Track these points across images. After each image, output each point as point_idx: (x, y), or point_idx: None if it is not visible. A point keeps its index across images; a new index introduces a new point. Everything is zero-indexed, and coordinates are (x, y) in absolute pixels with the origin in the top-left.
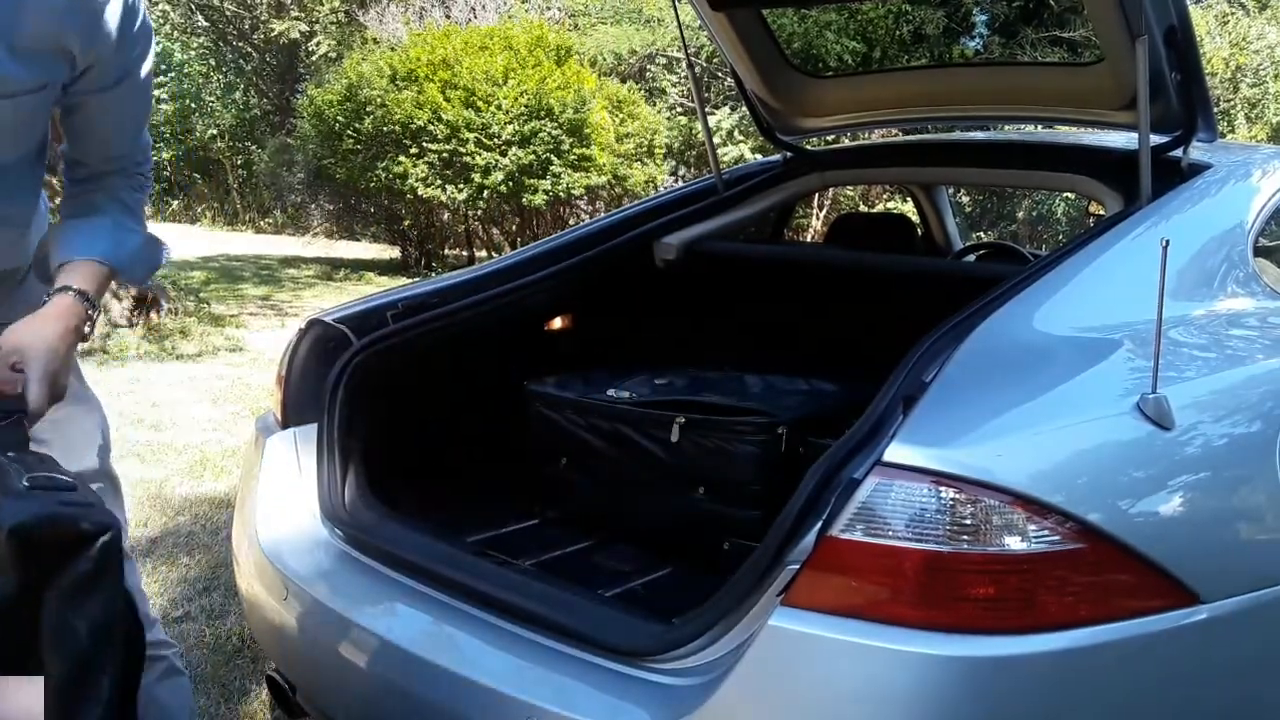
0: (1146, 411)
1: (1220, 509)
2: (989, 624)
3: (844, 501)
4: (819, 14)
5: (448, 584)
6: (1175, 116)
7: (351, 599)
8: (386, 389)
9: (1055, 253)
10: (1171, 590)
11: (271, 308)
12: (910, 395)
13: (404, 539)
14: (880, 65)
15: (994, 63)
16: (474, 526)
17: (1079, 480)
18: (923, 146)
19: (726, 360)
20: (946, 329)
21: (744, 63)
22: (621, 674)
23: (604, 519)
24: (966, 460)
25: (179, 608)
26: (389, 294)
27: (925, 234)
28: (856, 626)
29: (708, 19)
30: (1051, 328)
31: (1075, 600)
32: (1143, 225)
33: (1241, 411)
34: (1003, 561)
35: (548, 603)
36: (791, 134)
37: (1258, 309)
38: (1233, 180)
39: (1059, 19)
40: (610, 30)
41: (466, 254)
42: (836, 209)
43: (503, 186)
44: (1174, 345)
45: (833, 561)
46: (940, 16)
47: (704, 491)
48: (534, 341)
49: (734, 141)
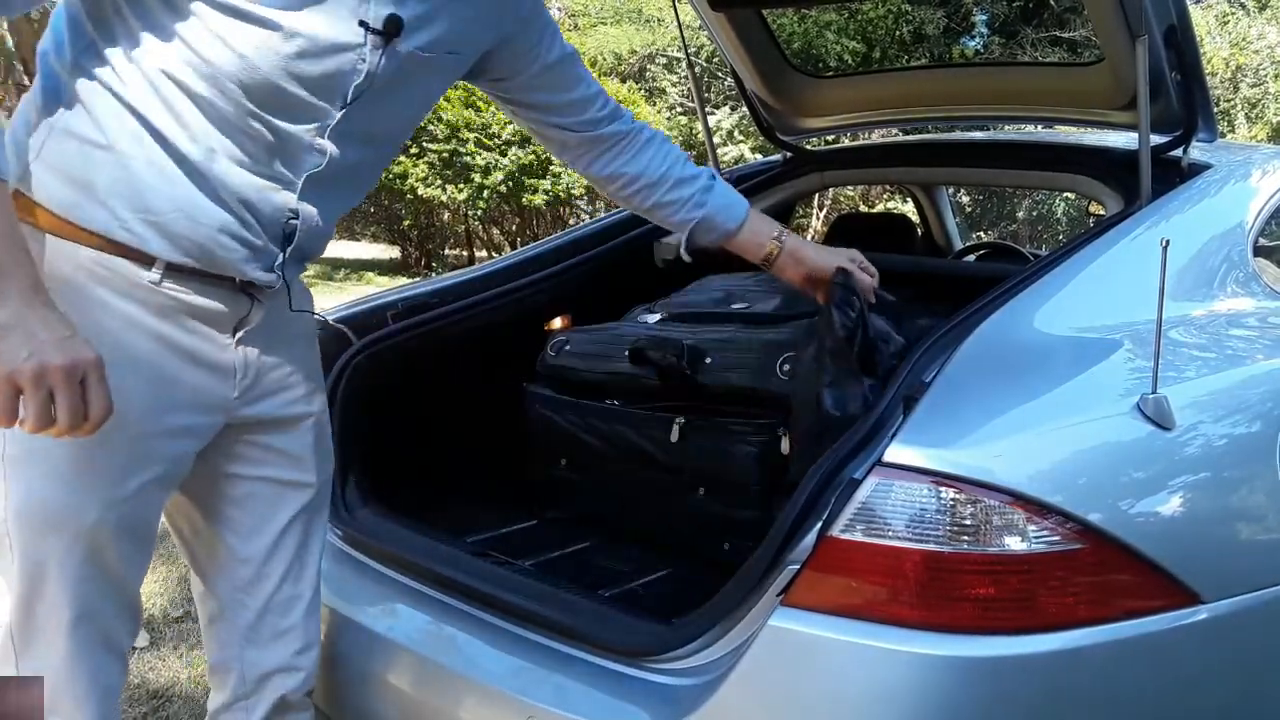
0: (1147, 412)
1: (1221, 509)
2: (989, 624)
3: (844, 501)
4: (819, 14)
5: (448, 584)
6: (1175, 116)
7: (351, 599)
8: (386, 389)
9: (1055, 253)
10: (1172, 590)
11: None
12: (910, 395)
13: (404, 539)
14: (880, 65)
15: (994, 63)
16: (474, 526)
17: (1079, 480)
18: (923, 146)
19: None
20: (946, 329)
21: (744, 63)
22: (621, 674)
23: (604, 519)
24: (967, 460)
25: (179, 608)
26: (389, 294)
27: (925, 234)
28: (857, 627)
29: (708, 19)
30: (1051, 328)
31: (1075, 600)
32: (1143, 225)
33: (1241, 411)
34: (1003, 562)
35: (548, 603)
36: (791, 134)
37: (1258, 309)
38: (1233, 180)
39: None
40: (610, 30)
41: (466, 254)
42: (836, 209)
43: (503, 186)
44: (1174, 345)
45: (833, 562)
46: (940, 16)
47: (704, 491)
48: (534, 342)
49: (734, 141)
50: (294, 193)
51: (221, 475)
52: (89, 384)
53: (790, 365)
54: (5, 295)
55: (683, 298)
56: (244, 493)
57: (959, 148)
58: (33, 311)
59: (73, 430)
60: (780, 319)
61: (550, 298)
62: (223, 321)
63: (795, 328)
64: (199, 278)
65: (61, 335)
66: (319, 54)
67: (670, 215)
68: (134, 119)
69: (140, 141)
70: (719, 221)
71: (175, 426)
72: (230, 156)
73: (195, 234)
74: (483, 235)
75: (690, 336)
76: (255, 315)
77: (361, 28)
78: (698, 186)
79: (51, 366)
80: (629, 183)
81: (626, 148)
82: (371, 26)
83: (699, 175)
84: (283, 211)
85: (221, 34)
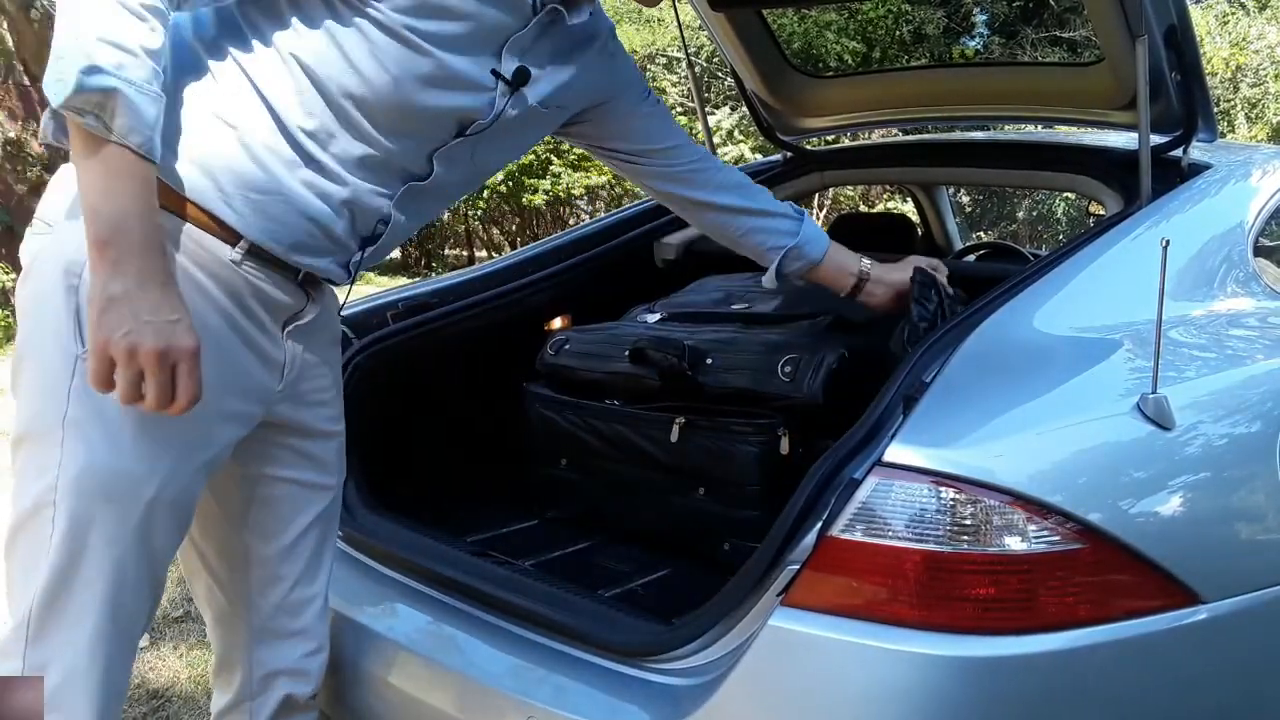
0: (1147, 411)
1: (1220, 509)
2: (989, 624)
3: (844, 501)
4: (819, 14)
5: (448, 584)
6: (1175, 116)
7: (351, 599)
8: (387, 389)
9: (1055, 253)
10: (1172, 590)
11: None
12: (910, 395)
13: (404, 539)
14: (880, 65)
15: (994, 63)
16: (474, 526)
17: (1079, 480)
18: (923, 146)
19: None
20: (946, 329)
21: (744, 63)
22: (621, 674)
23: (604, 519)
24: (967, 460)
25: (179, 608)
26: (389, 294)
27: (925, 234)
28: (857, 627)
29: (708, 19)
30: (1051, 328)
31: (1075, 600)
32: (1143, 225)
33: (1241, 411)
34: (1003, 562)
35: (548, 603)
36: (791, 134)
37: (1258, 309)
38: (1233, 180)
39: (1059, 19)
40: None
41: (466, 254)
42: (836, 209)
43: (502, 186)
44: (1174, 345)
45: (833, 561)
46: (940, 16)
47: (704, 491)
48: (534, 342)
49: (734, 141)
50: (390, 201)
51: (252, 475)
52: (179, 371)
53: (791, 366)
54: (125, 271)
55: (682, 298)
56: (272, 494)
57: (959, 148)
58: (145, 293)
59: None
60: (780, 319)
61: (550, 298)
62: (281, 312)
63: (795, 328)
64: (273, 265)
65: (166, 319)
66: (453, 87)
67: (763, 242)
68: (263, 103)
69: (262, 124)
70: (807, 251)
71: (231, 410)
72: (344, 156)
73: (291, 221)
74: (483, 235)
75: (690, 337)
76: (308, 312)
77: (494, 75)
78: (788, 216)
79: (145, 348)
80: (721, 210)
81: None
82: (503, 75)
83: (786, 207)
84: (377, 215)
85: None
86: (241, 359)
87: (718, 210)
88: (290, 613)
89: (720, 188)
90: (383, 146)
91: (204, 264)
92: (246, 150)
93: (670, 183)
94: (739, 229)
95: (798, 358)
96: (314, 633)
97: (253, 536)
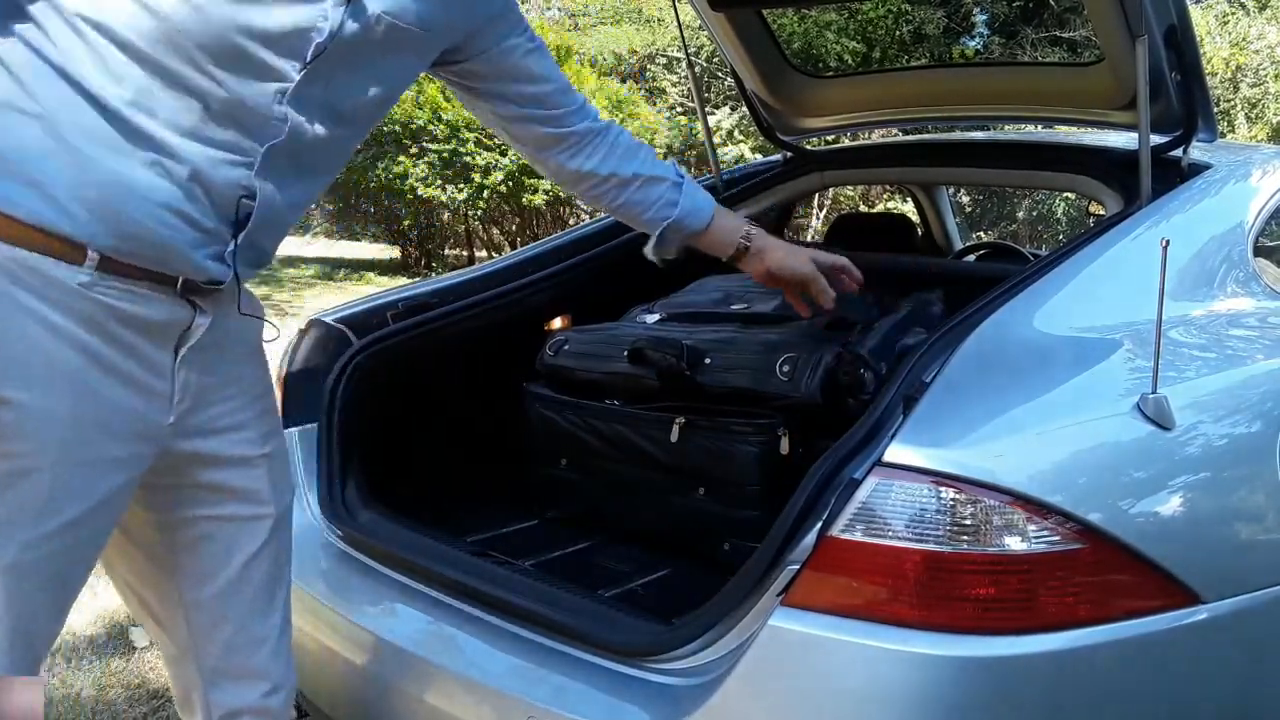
0: (1147, 411)
1: (1220, 509)
2: (989, 624)
3: (844, 502)
4: (819, 14)
5: (448, 584)
6: (1175, 116)
7: (351, 599)
8: (387, 389)
9: (1055, 253)
10: (1172, 590)
11: (272, 307)
12: (910, 395)
13: (404, 539)
14: (880, 65)
15: (994, 63)
16: (474, 526)
17: (1079, 480)
18: (923, 146)
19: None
20: (946, 329)
21: (744, 63)
22: (621, 674)
23: (604, 519)
24: (967, 460)
25: None
26: (389, 294)
27: (925, 234)
28: (857, 627)
29: (708, 19)
30: (1051, 328)
31: (1075, 600)
32: (1143, 225)
33: (1241, 411)
34: (1003, 562)
35: (548, 603)
36: (791, 134)
37: (1258, 309)
38: (1233, 180)
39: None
40: (610, 30)
41: (466, 254)
42: (836, 209)
43: (503, 186)
44: (1174, 345)
45: (833, 562)
46: (940, 16)
47: (704, 491)
48: (534, 342)
49: (734, 141)
50: (250, 169)
51: (169, 521)
52: None
53: (789, 366)
54: None
55: (682, 298)
56: (195, 535)
57: (959, 148)
58: None
59: None
60: (780, 319)
61: (550, 298)
62: (159, 333)
63: (794, 328)
64: (135, 278)
65: None
66: (273, 2)
67: (641, 214)
68: (64, 81)
69: (73, 105)
70: (689, 223)
71: (107, 457)
72: (178, 121)
73: (136, 210)
74: (483, 235)
75: (689, 336)
76: (198, 327)
77: None
78: (668, 185)
79: None
80: (600, 182)
81: (598, 146)
82: None
83: (667, 173)
84: (236, 188)
85: None
86: (111, 396)
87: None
88: (243, 652)
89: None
90: (216, 97)
91: (46, 296)
92: (61, 141)
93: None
94: (614, 199)
95: (796, 357)
96: (270, 673)
97: (185, 582)
